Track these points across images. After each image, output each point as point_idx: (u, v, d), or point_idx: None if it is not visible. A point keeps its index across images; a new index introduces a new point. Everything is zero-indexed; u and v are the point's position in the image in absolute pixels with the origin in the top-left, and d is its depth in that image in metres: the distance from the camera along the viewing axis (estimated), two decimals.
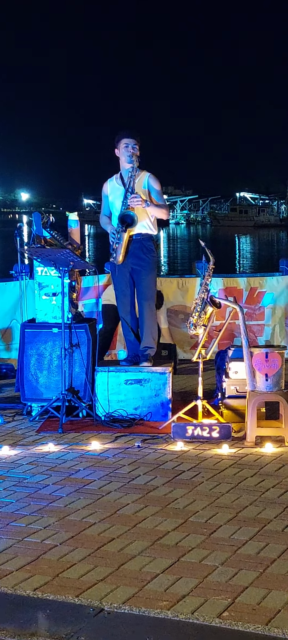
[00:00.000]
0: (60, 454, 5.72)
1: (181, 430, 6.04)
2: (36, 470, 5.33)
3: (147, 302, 6.77)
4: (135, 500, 4.73)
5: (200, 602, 3.44)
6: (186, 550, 4.00)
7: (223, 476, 5.19)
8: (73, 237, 7.14)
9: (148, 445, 5.93)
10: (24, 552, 3.99)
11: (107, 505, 4.66)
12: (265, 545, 4.05)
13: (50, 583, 3.64)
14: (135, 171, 6.68)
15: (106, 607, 3.43)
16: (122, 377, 6.68)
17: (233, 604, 3.41)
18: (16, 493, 4.88)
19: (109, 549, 4.03)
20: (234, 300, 6.77)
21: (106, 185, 6.94)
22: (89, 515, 4.49)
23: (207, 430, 6.01)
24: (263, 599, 3.46)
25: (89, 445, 5.91)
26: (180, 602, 3.44)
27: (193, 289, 9.29)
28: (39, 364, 6.91)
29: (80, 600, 3.48)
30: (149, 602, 3.44)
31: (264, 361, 6.00)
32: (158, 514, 4.50)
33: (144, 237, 6.74)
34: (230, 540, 4.12)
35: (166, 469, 5.37)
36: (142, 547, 4.05)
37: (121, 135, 6.79)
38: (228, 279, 9.69)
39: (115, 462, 5.53)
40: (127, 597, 3.49)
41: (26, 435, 6.28)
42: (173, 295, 9.57)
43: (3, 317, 9.14)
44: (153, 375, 6.66)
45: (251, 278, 9.79)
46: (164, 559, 3.90)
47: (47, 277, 6.92)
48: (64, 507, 4.63)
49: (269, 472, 5.25)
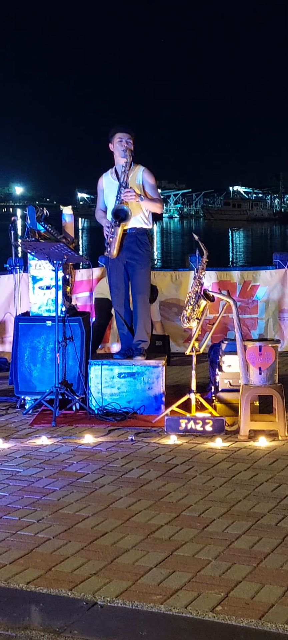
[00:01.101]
0: (54, 447, 5.71)
1: (174, 423, 6.04)
2: (29, 464, 5.32)
3: (141, 295, 6.77)
4: (129, 494, 4.73)
5: (193, 596, 3.44)
6: (179, 544, 4.00)
7: (216, 470, 5.19)
8: (67, 231, 7.13)
9: (142, 439, 5.93)
10: (17, 546, 3.99)
11: (100, 498, 4.66)
12: (258, 539, 4.05)
13: (43, 576, 3.64)
14: (129, 165, 6.67)
15: (99, 600, 3.42)
16: (116, 371, 6.67)
17: (226, 598, 3.42)
18: (9, 486, 4.87)
19: (102, 543, 4.02)
20: (228, 293, 6.77)
21: (101, 179, 6.93)
22: (82, 509, 4.49)
23: (201, 424, 6.01)
24: (257, 593, 3.46)
25: (82, 438, 5.91)
26: (173, 596, 3.45)
27: (187, 283, 9.29)
28: (33, 357, 6.89)
29: (73, 594, 3.48)
30: (142, 596, 3.44)
31: (258, 354, 6.01)
32: (152, 508, 4.50)
33: (139, 231, 6.74)
34: (223, 535, 4.12)
35: (159, 462, 5.37)
36: (135, 541, 4.05)
37: (115, 130, 6.77)
38: (222, 273, 9.69)
39: (109, 455, 5.52)
40: (121, 590, 3.49)
41: (19, 428, 6.27)
42: (167, 289, 9.56)
43: None
44: (146, 368, 6.66)
45: (244, 272, 9.79)
46: (157, 552, 3.90)
47: (41, 271, 6.91)
48: (57, 501, 4.62)
49: (263, 466, 5.25)
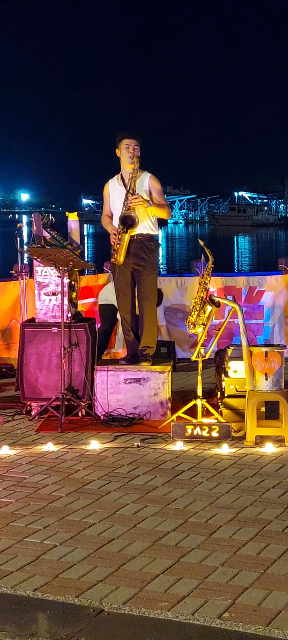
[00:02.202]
0: (60, 454, 5.71)
1: (180, 429, 6.03)
2: (36, 470, 5.32)
3: (148, 301, 6.77)
4: (135, 501, 4.72)
5: (200, 602, 3.43)
6: (186, 550, 4.00)
7: (223, 476, 5.18)
8: (72, 237, 7.14)
9: (148, 445, 5.92)
10: (24, 553, 3.98)
11: (107, 505, 4.65)
12: (265, 545, 4.04)
13: (50, 583, 3.64)
14: (136, 172, 6.68)
15: (106, 607, 3.42)
16: (121, 376, 6.67)
17: (233, 605, 3.41)
18: (16, 493, 4.87)
19: (109, 550, 4.02)
20: (233, 299, 6.77)
21: (107, 186, 6.94)
22: (88, 516, 4.48)
23: (207, 430, 6.00)
24: (264, 599, 3.45)
25: (88, 444, 5.91)
26: (180, 602, 3.44)
27: (192, 288, 9.28)
28: (39, 364, 6.90)
29: (80, 601, 3.47)
30: (149, 603, 3.44)
31: (264, 360, 6.00)
32: (158, 514, 4.49)
33: (145, 238, 6.74)
34: (230, 541, 4.11)
35: (166, 468, 5.36)
36: (142, 547, 4.04)
37: (122, 136, 6.78)
38: (228, 278, 9.69)
39: (115, 461, 5.52)
40: (127, 597, 3.49)
41: (26, 434, 6.27)
42: (172, 295, 9.56)
43: (3, 317, 9.13)
44: (152, 374, 6.65)
45: (250, 277, 9.79)
46: (164, 559, 3.89)
47: (46, 277, 6.91)
48: (63, 507, 4.62)
49: (269, 472, 5.24)
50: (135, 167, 6.66)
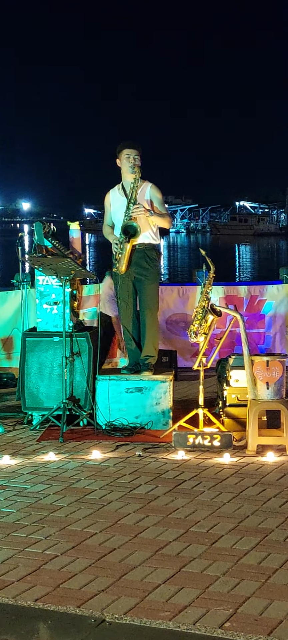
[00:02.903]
0: (61, 464, 5.71)
1: (182, 439, 6.03)
2: (37, 480, 5.32)
3: (150, 310, 6.78)
4: (136, 510, 4.72)
5: (202, 612, 3.42)
6: (187, 560, 3.99)
7: (224, 485, 5.17)
8: (74, 246, 7.15)
9: (149, 454, 5.92)
10: (25, 563, 3.98)
11: (108, 515, 4.65)
12: (267, 555, 4.03)
13: (51, 594, 3.63)
14: (137, 182, 6.69)
15: (108, 617, 3.41)
16: (123, 386, 6.67)
17: (235, 615, 3.40)
18: (17, 503, 4.87)
19: (110, 559, 4.01)
20: (235, 308, 6.77)
21: (108, 196, 6.95)
22: (89, 525, 4.48)
23: (208, 439, 6.00)
24: (266, 609, 3.44)
25: (90, 454, 5.90)
26: (181, 612, 3.43)
27: (194, 298, 9.28)
28: (40, 373, 6.90)
29: (81, 611, 3.47)
30: (151, 613, 3.43)
31: (265, 369, 6.00)
32: (160, 524, 4.49)
33: (147, 247, 6.75)
34: (231, 550, 4.10)
35: (167, 478, 5.35)
36: (143, 557, 4.03)
37: (122, 146, 6.80)
38: (229, 287, 9.68)
39: (116, 471, 5.51)
40: (129, 607, 3.48)
41: (27, 444, 6.26)
42: (174, 304, 9.56)
43: (4, 326, 9.13)
44: (154, 383, 6.65)
45: (251, 286, 9.79)
46: (166, 569, 3.88)
47: (48, 286, 6.93)
48: (64, 517, 4.61)
49: (271, 482, 5.23)
50: (136, 177, 6.67)
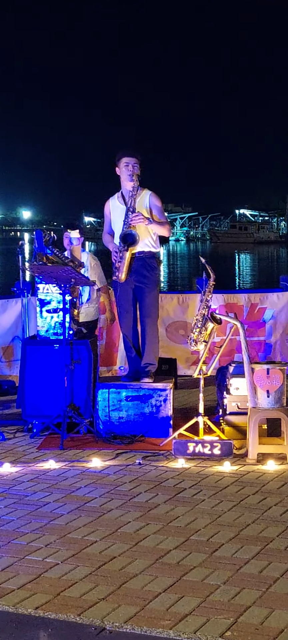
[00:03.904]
0: (61, 471, 5.70)
1: (182, 447, 6.02)
2: (37, 488, 5.31)
3: (150, 318, 6.78)
4: (137, 518, 4.71)
5: (202, 621, 3.41)
6: (188, 569, 3.98)
7: (224, 494, 5.16)
8: (74, 255, 7.15)
9: (149, 462, 5.91)
10: (25, 571, 3.97)
11: (108, 523, 4.64)
12: (267, 564, 4.03)
13: (51, 602, 3.62)
14: (136, 190, 6.69)
15: (108, 626, 3.40)
16: (123, 394, 6.67)
17: (235, 624, 3.39)
18: (17, 510, 4.86)
19: (111, 568, 4.00)
20: (235, 316, 6.76)
21: (108, 204, 6.96)
22: (90, 533, 4.47)
23: (209, 447, 5.99)
24: (266, 618, 3.43)
25: (90, 462, 5.89)
26: (182, 621, 3.42)
27: (194, 305, 9.28)
28: (40, 381, 6.89)
29: (82, 619, 3.46)
30: (151, 621, 3.42)
31: (265, 377, 5.99)
32: (160, 532, 4.48)
33: (147, 255, 6.75)
34: (232, 559, 4.10)
35: (167, 486, 5.35)
36: (143, 565, 4.02)
37: (121, 154, 6.80)
38: (229, 295, 9.68)
39: (116, 479, 5.51)
40: (129, 616, 3.47)
41: (27, 452, 6.26)
42: (174, 312, 9.57)
43: (5, 334, 9.13)
44: (154, 391, 6.65)
45: (252, 294, 9.79)
46: (166, 577, 3.87)
47: (48, 294, 6.92)
48: (65, 525, 4.60)
49: (271, 490, 5.23)
50: (134, 185, 6.68)
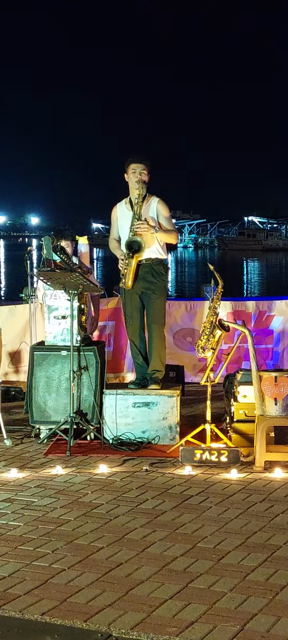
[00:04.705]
0: (68, 477, 5.70)
1: (189, 454, 6.02)
2: (44, 494, 5.32)
3: (157, 325, 6.78)
4: (143, 525, 4.71)
5: (209, 628, 3.41)
6: (194, 576, 3.98)
7: (231, 501, 5.16)
8: (82, 261, 7.17)
9: (156, 469, 5.91)
10: (32, 576, 3.97)
11: (115, 529, 4.64)
12: (274, 571, 4.02)
13: (58, 607, 3.63)
14: (142, 197, 6.70)
15: (114, 632, 3.40)
16: (130, 400, 6.67)
17: (242, 631, 3.38)
18: (24, 516, 4.87)
19: (117, 574, 4.01)
20: (243, 323, 6.76)
21: (115, 209, 6.97)
22: (96, 540, 4.47)
23: (216, 455, 5.99)
24: (273, 626, 3.43)
25: (97, 468, 5.90)
26: (188, 628, 3.42)
27: (202, 313, 9.28)
28: (48, 387, 6.91)
29: (88, 626, 3.46)
30: (158, 628, 3.42)
31: (273, 385, 5.99)
32: (167, 539, 4.48)
33: (154, 262, 6.76)
34: (239, 567, 4.09)
35: (174, 493, 5.34)
36: (150, 572, 4.02)
37: (129, 161, 6.82)
38: (237, 303, 9.67)
39: (123, 485, 5.51)
40: (136, 622, 3.47)
41: (34, 458, 6.27)
42: (182, 319, 9.56)
43: (12, 340, 9.15)
44: (161, 398, 6.65)
45: (260, 302, 9.77)
46: (173, 584, 3.87)
47: (56, 300, 6.94)
48: (71, 531, 4.61)
49: (278, 498, 5.22)
50: (140, 192, 6.69)
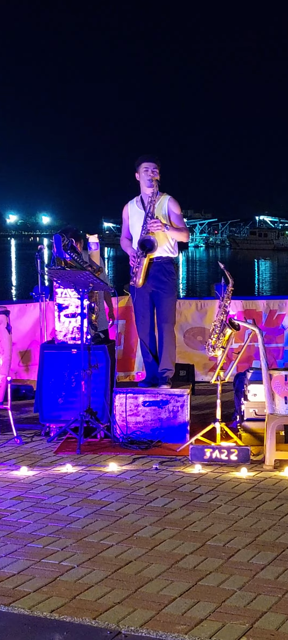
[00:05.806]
0: (78, 475, 5.71)
1: (199, 452, 6.01)
2: (54, 491, 5.33)
3: (167, 324, 6.78)
4: (153, 523, 4.71)
5: (218, 626, 3.41)
6: (204, 574, 3.98)
7: (241, 500, 5.15)
8: (93, 260, 7.17)
9: (166, 468, 5.91)
10: (41, 574, 3.98)
11: (125, 527, 4.65)
12: (283, 569, 4.01)
13: (67, 605, 3.63)
14: (155, 195, 6.69)
15: (123, 630, 3.41)
16: (140, 399, 6.68)
17: (251, 629, 3.38)
18: (34, 514, 4.88)
19: (127, 572, 4.01)
20: (253, 322, 6.75)
21: (126, 208, 6.97)
22: (106, 537, 4.48)
23: (226, 453, 5.98)
24: (282, 624, 3.42)
25: (107, 466, 5.91)
26: (198, 626, 3.42)
27: (212, 311, 9.28)
28: (58, 385, 6.92)
29: (97, 623, 3.47)
30: (167, 626, 3.42)
31: (283, 384, 5.97)
32: (176, 537, 4.48)
33: (165, 260, 6.75)
34: (248, 565, 4.09)
35: (184, 491, 5.34)
36: (159, 570, 4.02)
37: (141, 159, 6.81)
38: (248, 301, 9.66)
39: (133, 484, 5.51)
40: (145, 620, 3.47)
41: (44, 456, 6.28)
42: (192, 318, 9.56)
43: (23, 338, 9.18)
44: (171, 397, 6.65)
45: (270, 300, 9.76)
46: (182, 582, 3.87)
47: (66, 299, 6.95)
48: (81, 529, 4.62)
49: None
50: (154, 190, 6.68)
